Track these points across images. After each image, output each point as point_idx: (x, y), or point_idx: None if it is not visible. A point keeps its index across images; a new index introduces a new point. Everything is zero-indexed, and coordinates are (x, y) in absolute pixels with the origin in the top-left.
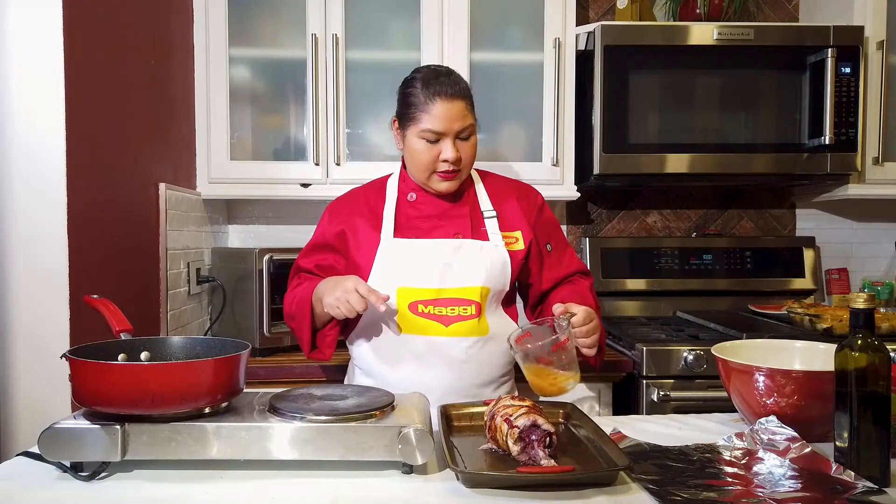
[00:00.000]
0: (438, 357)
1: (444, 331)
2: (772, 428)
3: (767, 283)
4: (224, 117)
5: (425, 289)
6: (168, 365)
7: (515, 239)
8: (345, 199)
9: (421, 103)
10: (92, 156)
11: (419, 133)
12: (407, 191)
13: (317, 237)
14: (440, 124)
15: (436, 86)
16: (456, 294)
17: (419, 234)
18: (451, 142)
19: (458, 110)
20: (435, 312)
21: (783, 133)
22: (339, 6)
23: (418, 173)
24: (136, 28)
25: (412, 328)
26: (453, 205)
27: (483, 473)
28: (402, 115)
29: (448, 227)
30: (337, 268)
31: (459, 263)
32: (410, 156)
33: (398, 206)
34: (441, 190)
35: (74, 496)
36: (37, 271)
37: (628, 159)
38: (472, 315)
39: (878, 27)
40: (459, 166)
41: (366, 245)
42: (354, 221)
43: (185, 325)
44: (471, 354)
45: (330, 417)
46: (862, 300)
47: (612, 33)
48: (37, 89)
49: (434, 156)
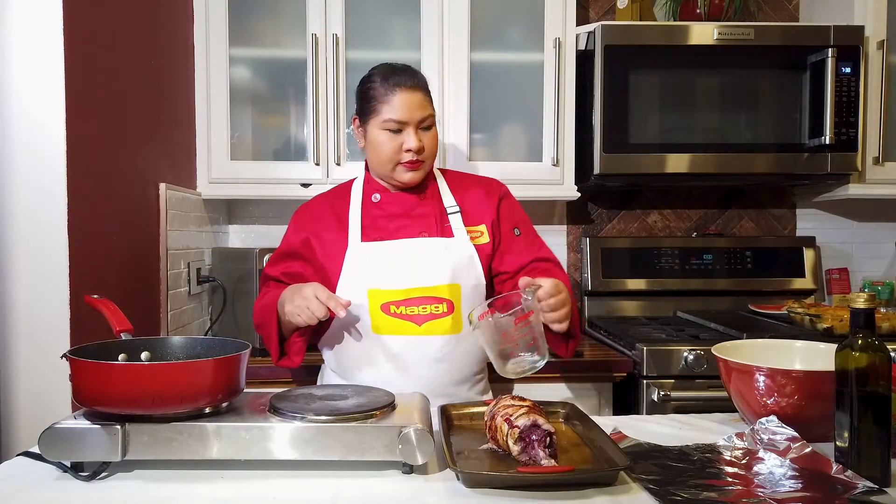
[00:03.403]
0: (413, 357)
1: (418, 330)
2: (772, 428)
3: (768, 283)
4: (224, 117)
5: (395, 290)
6: (168, 365)
7: (480, 233)
8: (309, 207)
9: (381, 95)
10: (92, 156)
11: (381, 124)
12: (371, 192)
13: (283, 245)
14: (402, 113)
15: (394, 77)
16: (425, 293)
17: (385, 235)
18: (413, 131)
19: (417, 100)
20: (407, 312)
21: (783, 133)
22: (339, 6)
23: (382, 167)
24: (136, 28)
25: (386, 329)
26: (417, 203)
27: (483, 473)
28: (363, 111)
29: (413, 226)
30: (304, 275)
31: (426, 262)
32: (373, 150)
33: (363, 208)
34: (405, 181)
35: (75, 496)
36: (37, 271)
37: (628, 159)
38: (445, 313)
39: (878, 27)
40: (423, 156)
41: (332, 250)
42: (318, 228)
43: (186, 325)
44: (445, 353)
45: (330, 417)
46: (862, 300)
47: (612, 33)
48: (37, 89)
49: (397, 146)
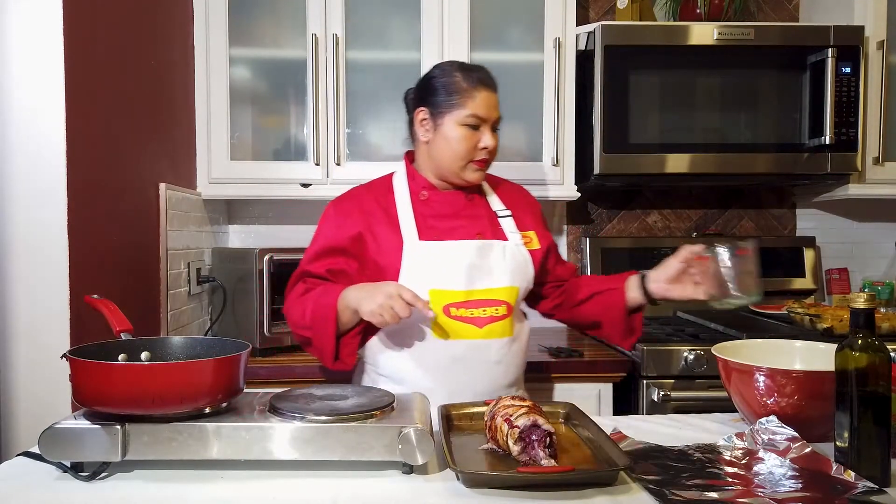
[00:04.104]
0: (474, 359)
1: (479, 333)
2: (772, 428)
3: (768, 283)
4: (224, 117)
5: (456, 291)
6: (168, 365)
7: (530, 238)
8: (353, 200)
9: (464, 90)
10: (92, 156)
11: (462, 119)
12: (417, 189)
13: (325, 240)
14: (485, 111)
15: (477, 74)
16: (486, 295)
17: (438, 235)
18: (489, 129)
19: (495, 101)
20: (468, 315)
21: (783, 133)
22: (339, 6)
23: (453, 162)
24: (136, 28)
25: (448, 332)
26: (466, 204)
27: (483, 473)
28: (438, 104)
29: (468, 227)
30: (349, 272)
31: (487, 264)
32: (446, 144)
33: (412, 206)
34: (473, 180)
35: (75, 496)
36: (37, 271)
37: (628, 159)
38: (504, 315)
39: (878, 27)
40: (492, 157)
41: (387, 247)
42: (371, 223)
43: (186, 325)
44: (502, 355)
45: (330, 417)
46: (862, 300)
47: (612, 33)
48: (37, 89)
49: (474, 143)
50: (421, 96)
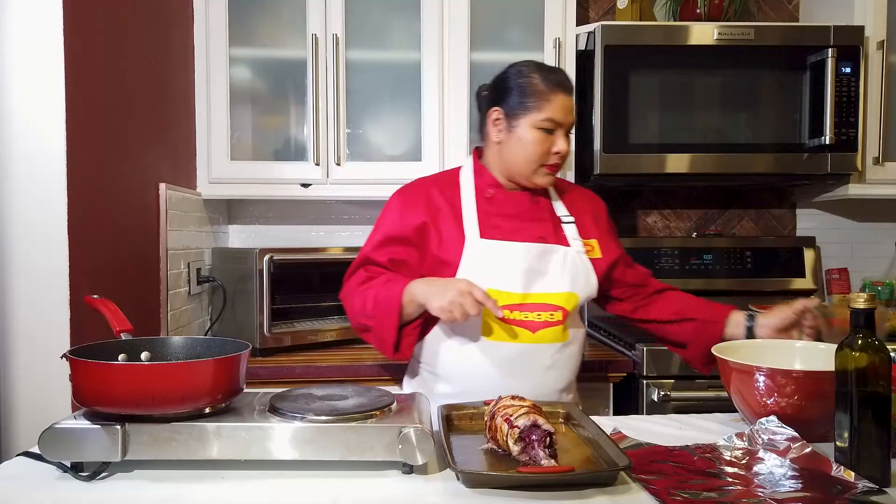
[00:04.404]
0: (526, 363)
1: (532, 337)
2: (772, 428)
3: (768, 283)
4: (224, 117)
5: (511, 293)
6: (168, 365)
7: (591, 247)
8: (419, 190)
9: (542, 92)
10: (92, 156)
11: (537, 123)
12: (484, 187)
13: (391, 229)
14: (561, 115)
15: (556, 77)
16: (542, 299)
17: (500, 235)
18: (563, 134)
19: (571, 105)
20: (521, 318)
21: (783, 133)
22: (339, 6)
23: (524, 165)
24: (136, 28)
25: (498, 334)
26: (531, 206)
27: (483, 473)
28: (515, 105)
29: (531, 229)
30: (410, 263)
31: (545, 268)
32: (520, 147)
33: (476, 203)
34: (543, 184)
35: (74, 496)
36: (37, 271)
37: (628, 159)
38: (558, 321)
39: (878, 27)
40: (564, 161)
41: (449, 241)
42: (436, 214)
43: (186, 325)
44: (555, 360)
45: (330, 417)
46: (862, 300)
47: (612, 33)
48: (37, 89)
49: (547, 148)
50: (496, 95)
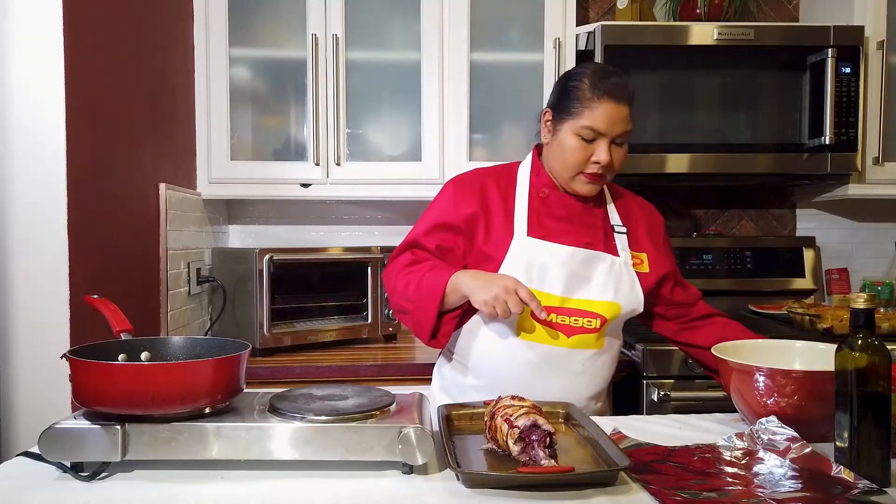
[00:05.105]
0: (556, 367)
1: (567, 342)
2: (772, 428)
3: (767, 283)
4: (224, 117)
5: (551, 294)
6: (168, 365)
7: (641, 260)
8: (475, 180)
9: (586, 98)
10: (92, 156)
11: (577, 129)
12: (540, 186)
13: (442, 215)
14: (602, 125)
15: (605, 84)
16: (582, 306)
17: (547, 235)
18: (606, 144)
19: (622, 114)
20: (559, 321)
21: (783, 133)
22: (339, 6)
23: (564, 171)
24: (136, 28)
25: (533, 334)
26: (584, 211)
27: (483, 473)
28: (560, 108)
29: (579, 233)
30: (456, 251)
31: (588, 275)
32: (559, 151)
33: (529, 202)
34: (582, 192)
35: (74, 496)
36: (37, 271)
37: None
38: (595, 329)
39: (878, 27)
40: (607, 171)
41: (496, 236)
42: (489, 206)
43: (186, 325)
44: (587, 367)
45: (330, 418)
46: (862, 300)
47: (612, 33)
48: (37, 89)
49: (586, 156)
50: (553, 96)
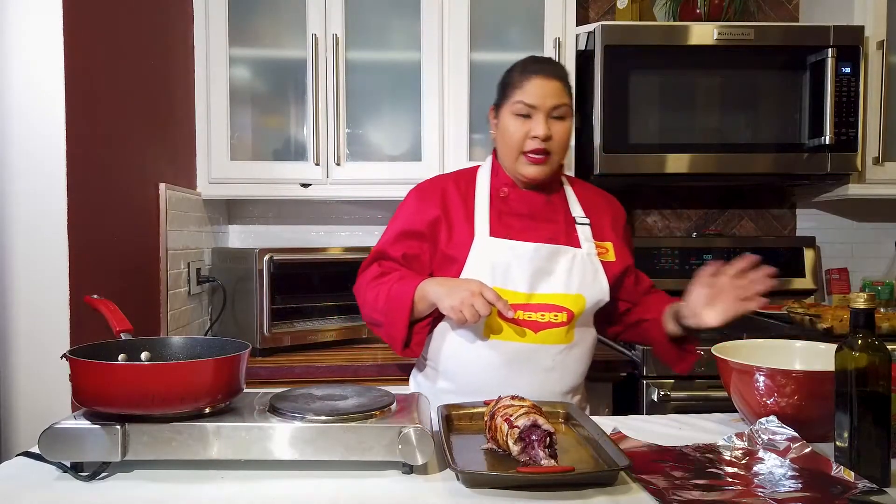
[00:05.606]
0: (525, 363)
1: (534, 337)
2: (772, 428)
3: None
4: (224, 117)
5: (516, 292)
6: (168, 365)
7: (606, 250)
8: (435, 185)
9: (517, 81)
10: (92, 156)
11: (512, 108)
12: (499, 185)
13: (405, 222)
14: (532, 98)
15: (534, 65)
16: (547, 300)
17: (511, 234)
18: (542, 118)
19: (552, 88)
20: (525, 318)
21: (783, 133)
22: (339, 6)
23: (508, 156)
24: (136, 28)
25: (500, 333)
26: (545, 206)
27: (483, 473)
28: (498, 99)
29: (542, 230)
30: (422, 258)
31: (553, 269)
32: (502, 137)
33: (490, 202)
34: (529, 175)
35: (74, 496)
36: (37, 271)
37: (628, 159)
38: (563, 322)
39: (878, 27)
40: (550, 146)
41: (458, 238)
42: (449, 210)
43: (186, 325)
44: (557, 362)
45: (330, 417)
46: (862, 300)
47: (612, 33)
48: (37, 90)
49: (524, 133)
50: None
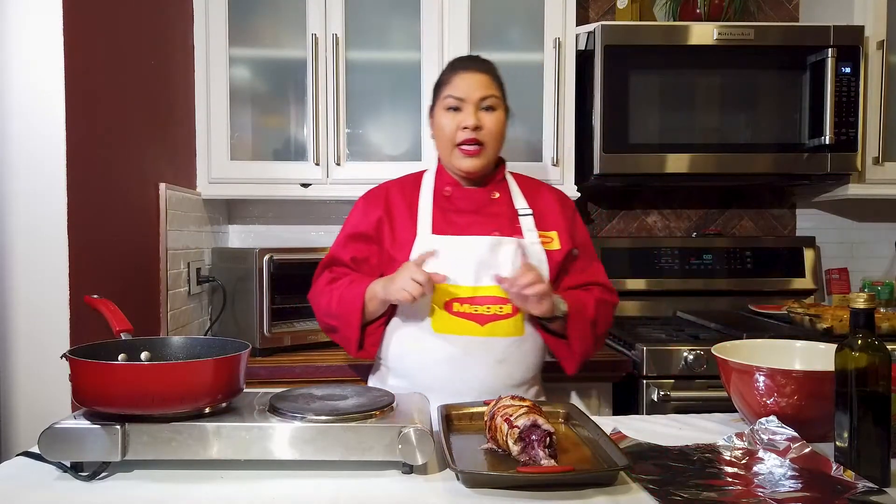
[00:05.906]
0: (474, 357)
1: (480, 330)
2: (772, 428)
3: (767, 283)
4: (224, 117)
5: (461, 286)
6: (168, 365)
7: (551, 238)
8: (382, 189)
9: (445, 79)
10: (92, 156)
11: (442, 104)
12: (443, 185)
13: (352, 226)
14: (460, 91)
15: (459, 63)
16: (492, 292)
17: (455, 230)
18: (472, 109)
19: (479, 80)
20: (471, 311)
21: (783, 133)
22: (339, 6)
23: (444, 151)
24: (136, 28)
25: (447, 327)
26: (489, 201)
27: (483, 473)
28: (433, 101)
29: (486, 223)
30: (371, 261)
31: (497, 261)
32: (436, 134)
33: (434, 200)
34: (464, 168)
35: (74, 496)
36: (37, 271)
37: (628, 159)
38: (509, 314)
39: (878, 27)
40: (481, 136)
41: (401, 237)
42: (392, 211)
43: (185, 325)
44: (508, 355)
45: (330, 417)
46: (862, 300)
47: (612, 33)
48: (37, 90)
49: (456, 125)
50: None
